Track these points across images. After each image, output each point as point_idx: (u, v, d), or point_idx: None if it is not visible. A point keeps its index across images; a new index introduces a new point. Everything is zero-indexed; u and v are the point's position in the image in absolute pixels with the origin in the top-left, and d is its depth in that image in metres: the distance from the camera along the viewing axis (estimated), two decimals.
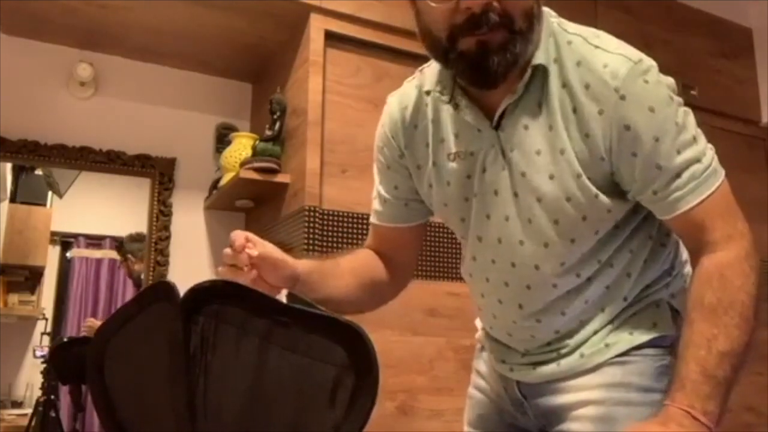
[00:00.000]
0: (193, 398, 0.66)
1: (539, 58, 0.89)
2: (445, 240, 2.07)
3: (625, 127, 0.86)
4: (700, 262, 0.88)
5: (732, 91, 2.92)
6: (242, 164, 2.04)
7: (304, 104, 1.99)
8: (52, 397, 1.69)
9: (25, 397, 2.16)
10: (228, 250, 0.88)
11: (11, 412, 2.14)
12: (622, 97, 0.86)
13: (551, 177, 0.90)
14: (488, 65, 0.84)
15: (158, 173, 2.36)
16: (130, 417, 0.72)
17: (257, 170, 2.02)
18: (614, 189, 0.91)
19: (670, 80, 0.91)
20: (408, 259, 1.18)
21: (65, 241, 2.36)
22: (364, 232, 2.04)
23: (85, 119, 2.29)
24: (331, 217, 1.94)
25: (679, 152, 0.86)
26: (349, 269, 1.08)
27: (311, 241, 1.89)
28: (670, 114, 0.87)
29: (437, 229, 2.06)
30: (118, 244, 2.38)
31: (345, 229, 1.96)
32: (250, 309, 0.66)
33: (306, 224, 1.90)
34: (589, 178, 0.89)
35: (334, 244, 1.94)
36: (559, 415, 1.00)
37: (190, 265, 2.34)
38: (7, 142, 2.15)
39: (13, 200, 2.31)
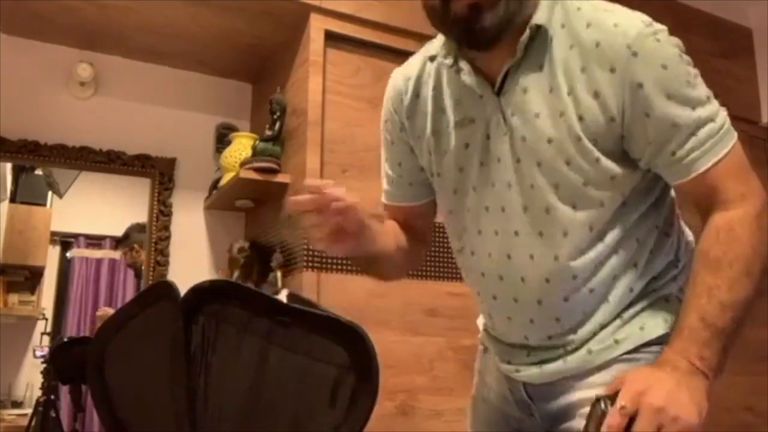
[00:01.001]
0: (193, 398, 0.66)
1: (539, 19, 0.89)
2: (446, 240, 2.07)
3: (638, 85, 0.85)
4: (711, 219, 0.88)
5: (732, 91, 2.92)
6: (242, 164, 2.05)
7: (304, 104, 1.99)
8: (52, 397, 1.69)
9: (25, 397, 2.16)
10: (313, 195, 0.83)
11: (11, 412, 2.14)
12: (634, 54, 0.85)
13: (549, 141, 0.90)
14: (481, 25, 0.86)
15: (158, 173, 2.36)
16: (131, 417, 0.72)
17: (257, 170, 2.02)
18: (621, 156, 0.90)
19: (679, 41, 0.90)
20: (424, 229, 1.19)
21: (65, 241, 2.36)
22: None
23: (85, 119, 2.29)
24: None
25: (693, 109, 0.86)
26: (390, 229, 1.11)
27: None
28: (681, 71, 0.87)
29: (438, 230, 2.06)
30: (124, 234, 2.38)
31: None
32: (251, 309, 0.66)
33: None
34: (593, 141, 0.89)
35: None
36: (566, 413, 0.98)
37: (190, 265, 2.34)
38: (7, 142, 2.15)
39: (13, 200, 2.31)
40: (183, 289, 0.70)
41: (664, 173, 0.91)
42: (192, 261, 2.36)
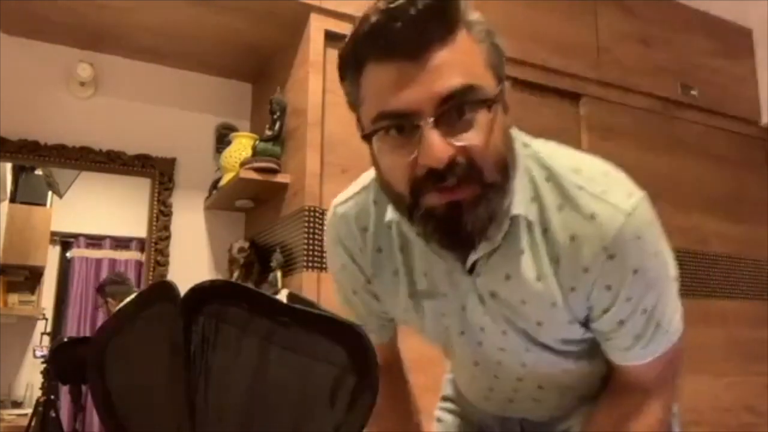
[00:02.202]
0: (193, 398, 0.66)
1: (518, 208, 0.79)
2: None
3: (606, 287, 0.80)
4: (633, 397, 0.89)
5: (732, 91, 2.93)
6: (242, 164, 2.05)
7: (304, 104, 1.99)
8: (52, 397, 1.69)
9: (25, 397, 2.16)
10: None
11: (11, 412, 2.14)
12: (611, 257, 0.78)
13: (539, 324, 0.85)
14: (461, 227, 0.73)
15: (158, 173, 2.36)
16: (130, 417, 0.72)
17: (257, 170, 2.02)
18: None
19: (655, 220, 0.82)
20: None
21: (65, 241, 2.36)
22: None
23: (85, 119, 2.29)
24: None
25: (645, 315, 0.83)
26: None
27: (311, 241, 1.89)
28: (650, 274, 0.81)
29: None
30: (99, 286, 2.35)
31: None
32: (251, 309, 0.66)
33: (306, 224, 1.90)
34: (578, 323, 0.86)
35: None
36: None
37: (190, 265, 2.34)
38: (7, 142, 2.15)
39: (13, 200, 2.31)
40: (183, 289, 0.70)
41: (601, 346, 0.90)
42: (192, 261, 2.36)
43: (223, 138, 2.43)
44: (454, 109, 0.70)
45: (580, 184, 0.79)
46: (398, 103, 0.70)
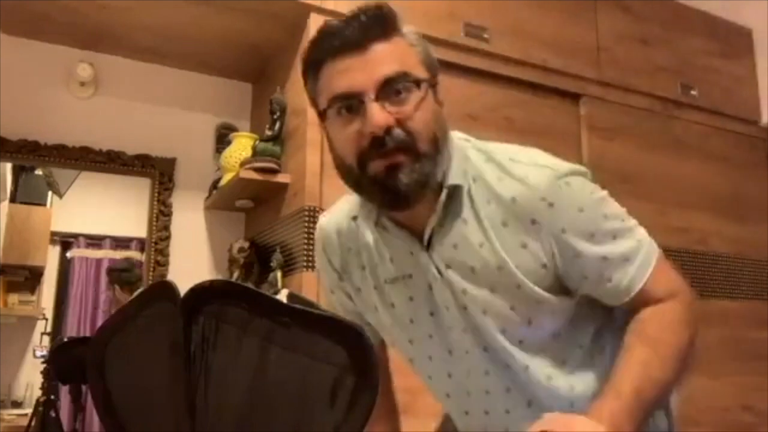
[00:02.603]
0: (193, 398, 0.66)
1: (454, 179, 0.92)
2: None
3: (561, 231, 0.91)
4: (644, 310, 0.94)
5: (732, 91, 2.93)
6: (242, 164, 2.05)
7: (304, 104, 1.99)
8: (52, 397, 1.69)
9: (25, 397, 2.16)
10: None
11: (11, 412, 2.14)
12: (551, 205, 0.90)
13: (492, 290, 0.93)
14: (397, 185, 0.87)
15: (158, 173, 2.36)
16: (130, 417, 0.72)
17: (257, 170, 2.02)
18: (560, 289, 0.95)
19: (583, 169, 0.95)
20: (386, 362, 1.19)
21: (65, 241, 2.36)
22: None
23: (85, 119, 2.29)
24: None
25: (617, 239, 0.93)
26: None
27: (311, 241, 1.89)
28: (596, 209, 0.93)
29: None
30: (108, 269, 2.35)
31: None
32: (251, 309, 0.66)
33: (306, 224, 1.90)
34: (534, 283, 0.92)
35: None
36: None
37: (190, 265, 2.34)
38: (7, 142, 2.15)
39: (13, 200, 2.31)
40: (183, 289, 0.70)
41: (602, 298, 0.96)
42: (192, 261, 2.36)
43: (223, 138, 2.43)
44: (392, 89, 0.86)
45: (512, 157, 0.94)
46: (347, 86, 0.86)
